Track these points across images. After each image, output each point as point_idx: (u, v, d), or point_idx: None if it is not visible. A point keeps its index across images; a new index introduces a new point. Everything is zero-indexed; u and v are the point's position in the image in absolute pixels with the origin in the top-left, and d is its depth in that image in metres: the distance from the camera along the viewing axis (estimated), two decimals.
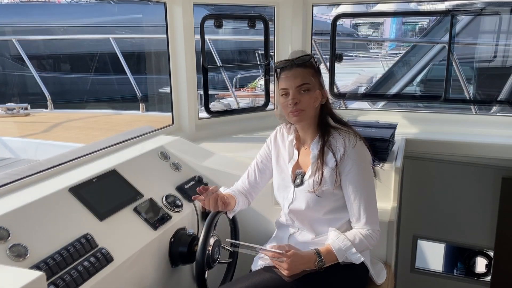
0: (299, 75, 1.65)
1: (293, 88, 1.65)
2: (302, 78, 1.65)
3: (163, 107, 6.55)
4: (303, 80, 1.65)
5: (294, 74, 1.66)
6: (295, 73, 1.66)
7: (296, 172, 1.76)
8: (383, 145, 2.16)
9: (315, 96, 1.67)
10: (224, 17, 2.81)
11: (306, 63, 1.67)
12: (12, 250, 1.31)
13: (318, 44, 3.69)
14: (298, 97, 1.65)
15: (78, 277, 1.37)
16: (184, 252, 1.82)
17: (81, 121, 5.51)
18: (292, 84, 1.65)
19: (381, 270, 1.85)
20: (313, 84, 1.67)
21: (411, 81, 5.96)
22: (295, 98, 1.64)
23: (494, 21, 5.97)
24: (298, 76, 1.65)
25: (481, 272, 3.16)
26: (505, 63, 6.29)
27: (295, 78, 1.65)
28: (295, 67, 1.66)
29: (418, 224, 2.98)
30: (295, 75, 1.65)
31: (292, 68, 1.66)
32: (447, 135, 2.73)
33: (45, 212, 1.50)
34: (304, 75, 1.66)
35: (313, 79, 1.67)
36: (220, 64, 6.79)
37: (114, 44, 6.36)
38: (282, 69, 1.69)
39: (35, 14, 11.09)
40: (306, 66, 1.67)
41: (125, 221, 1.69)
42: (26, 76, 9.38)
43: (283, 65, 1.68)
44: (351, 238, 1.63)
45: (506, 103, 4.32)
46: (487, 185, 2.79)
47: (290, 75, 1.66)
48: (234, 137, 2.83)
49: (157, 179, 2.00)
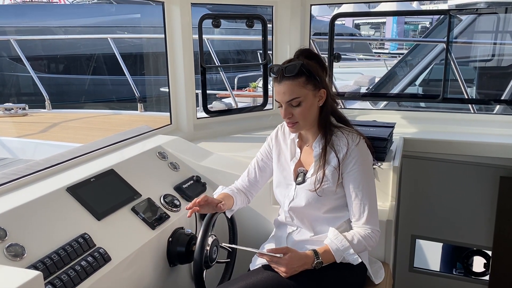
0: (288, 90, 1.60)
1: (283, 102, 1.62)
2: (290, 93, 1.60)
3: (161, 108, 6.55)
4: (292, 95, 1.60)
5: (283, 88, 1.61)
6: (284, 87, 1.60)
7: (298, 170, 1.75)
8: (381, 144, 2.16)
9: (308, 106, 1.63)
10: (222, 16, 2.80)
11: (294, 74, 1.60)
12: (9, 250, 1.31)
13: (317, 43, 3.70)
14: (290, 110, 1.62)
15: (76, 277, 1.37)
16: (182, 252, 1.82)
17: (79, 121, 5.50)
18: (282, 99, 1.62)
19: (379, 270, 1.85)
20: (305, 94, 1.61)
21: (412, 81, 5.95)
22: (287, 112, 1.62)
23: (496, 21, 5.98)
24: (287, 91, 1.60)
25: (479, 271, 3.16)
26: (507, 62, 6.30)
27: (284, 93, 1.61)
28: (284, 79, 1.60)
29: (416, 223, 2.99)
30: (284, 90, 1.61)
31: (281, 82, 1.61)
32: (445, 135, 2.73)
33: (42, 211, 1.50)
34: (293, 89, 1.59)
35: (305, 88, 1.61)
36: (218, 63, 6.79)
37: (112, 44, 6.36)
38: (273, 78, 1.65)
39: (35, 15, 11.09)
40: (295, 77, 1.60)
41: (123, 221, 1.69)
42: (24, 77, 9.38)
43: (273, 74, 1.64)
44: (350, 239, 1.62)
45: (504, 103, 4.34)
46: (485, 184, 2.79)
47: (280, 89, 1.61)
48: (232, 137, 2.82)
49: (155, 179, 2.00)
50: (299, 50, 1.70)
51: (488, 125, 2.84)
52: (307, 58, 1.66)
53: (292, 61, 1.65)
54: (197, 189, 2.10)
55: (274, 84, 1.65)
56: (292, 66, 1.60)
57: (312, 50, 1.75)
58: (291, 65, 1.61)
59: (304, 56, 1.67)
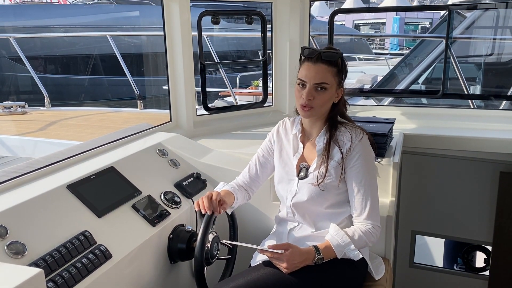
0: (321, 72, 1.61)
1: (311, 83, 1.62)
2: (322, 76, 1.61)
3: (161, 105, 6.54)
4: (323, 79, 1.61)
5: (316, 69, 1.62)
6: (318, 68, 1.62)
7: (301, 165, 1.75)
8: (381, 140, 2.16)
9: (330, 96, 1.65)
10: (221, 13, 2.80)
11: (332, 61, 1.63)
12: (10, 248, 1.31)
13: (316, 40, 3.69)
14: (313, 93, 1.62)
15: (77, 274, 1.37)
16: (183, 249, 1.82)
17: (79, 119, 5.50)
18: (311, 79, 1.62)
19: (380, 265, 1.85)
20: (332, 84, 1.63)
21: (415, 80, 5.93)
22: (310, 94, 1.62)
23: (501, 17, 5.95)
24: (319, 72, 1.61)
25: (480, 267, 3.17)
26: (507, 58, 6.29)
27: (316, 74, 1.61)
28: (320, 62, 1.62)
29: (416, 219, 2.99)
30: (316, 70, 1.62)
31: (316, 62, 1.62)
32: (445, 130, 2.73)
33: (43, 209, 1.50)
34: (326, 73, 1.61)
35: (334, 78, 1.63)
36: (217, 60, 6.78)
37: (111, 42, 6.35)
38: (307, 58, 1.65)
39: (35, 15, 11.07)
40: (330, 63, 1.62)
41: (124, 218, 1.69)
42: (24, 75, 9.37)
43: (309, 55, 1.64)
44: (351, 234, 1.63)
45: (504, 98, 4.33)
46: (485, 180, 2.79)
47: (312, 68, 1.62)
48: (232, 134, 2.82)
49: (155, 176, 2.00)
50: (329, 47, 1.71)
51: (488, 121, 2.84)
52: None
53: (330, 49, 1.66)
54: (197, 186, 2.10)
55: (305, 64, 1.65)
56: (332, 53, 1.63)
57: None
58: (331, 52, 1.63)
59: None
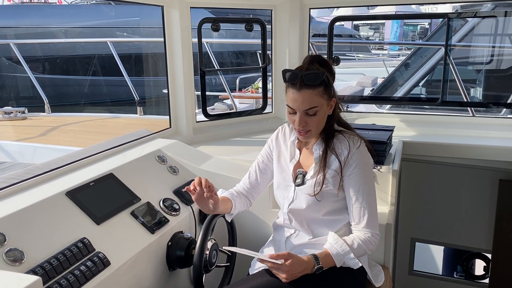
0: (307, 98, 1.55)
1: (300, 110, 1.58)
2: (310, 101, 1.56)
3: (160, 109, 6.55)
4: (311, 104, 1.56)
5: (302, 96, 1.55)
6: (304, 95, 1.55)
7: (297, 171, 1.75)
8: (381, 148, 2.16)
9: (323, 115, 1.62)
10: (221, 20, 2.81)
11: (316, 83, 1.56)
12: (8, 255, 1.31)
13: (315, 46, 3.70)
14: (305, 119, 1.59)
15: (75, 282, 1.37)
16: (182, 256, 1.81)
17: (78, 124, 5.50)
18: (300, 106, 1.57)
19: (379, 273, 1.85)
20: (322, 103, 1.59)
21: (415, 85, 5.95)
22: (302, 121, 1.59)
23: (500, 23, 5.97)
24: (306, 99, 1.55)
25: (479, 275, 3.16)
26: (506, 64, 6.30)
27: (303, 101, 1.56)
28: (304, 87, 1.55)
29: (416, 226, 2.98)
30: (303, 98, 1.55)
31: (300, 90, 1.55)
32: (444, 138, 2.73)
33: (41, 216, 1.50)
34: (312, 97, 1.56)
35: (322, 97, 1.58)
36: (217, 67, 6.81)
37: (111, 47, 6.37)
38: (290, 84, 1.59)
39: (34, 16, 11.10)
40: (315, 87, 1.56)
41: (122, 225, 1.68)
42: (23, 80, 9.38)
43: (291, 81, 1.58)
44: (350, 243, 1.62)
45: (503, 106, 4.34)
46: (485, 187, 2.79)
47: (298, 96, 1.56)
48: (231, 140, 2.82)
49: (154, 183, 1.99)
50: (311, 56, 1.66)
51: (487, 128, 2.85)
52: (320, 65, 1.62)
53: (309, 68, 1.59)
54: None
55: (290, 91, 1.59)
56: (314, 75, 1.56)
57: (323, 57, 1.69)
58: (313, 74, 1.55)
59: (318, 63, 1.62)
